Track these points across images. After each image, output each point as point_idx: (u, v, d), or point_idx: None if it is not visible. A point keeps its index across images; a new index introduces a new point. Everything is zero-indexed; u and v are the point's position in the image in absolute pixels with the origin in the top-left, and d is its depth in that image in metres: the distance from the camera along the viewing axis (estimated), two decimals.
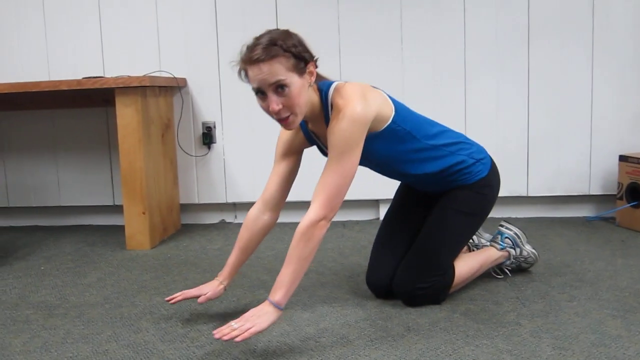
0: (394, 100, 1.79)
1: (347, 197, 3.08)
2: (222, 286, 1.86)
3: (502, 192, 3.07)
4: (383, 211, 3.19)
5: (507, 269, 2.17)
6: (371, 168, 1.93)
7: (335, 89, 1.66)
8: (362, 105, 1.60)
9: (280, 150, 1.85)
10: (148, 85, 2.75)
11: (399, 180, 2.06)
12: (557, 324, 1.71)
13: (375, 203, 3.22)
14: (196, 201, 3.27)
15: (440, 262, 1.89)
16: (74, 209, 3.45)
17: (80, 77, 2.91)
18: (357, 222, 3.18)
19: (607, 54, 2.97)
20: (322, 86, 1.69)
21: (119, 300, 2.09)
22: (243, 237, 1.86)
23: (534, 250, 2.19)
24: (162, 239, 2.96)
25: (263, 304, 1.58)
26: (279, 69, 1.54)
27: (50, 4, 3.25)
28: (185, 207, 3.32)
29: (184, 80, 3.16)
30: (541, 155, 3.06)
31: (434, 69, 3.06)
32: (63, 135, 3.34)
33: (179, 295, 1.83)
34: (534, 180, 3.08)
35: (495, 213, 2.25)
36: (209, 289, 1.84)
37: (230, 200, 3.23)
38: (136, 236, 2.81)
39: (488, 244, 2.17)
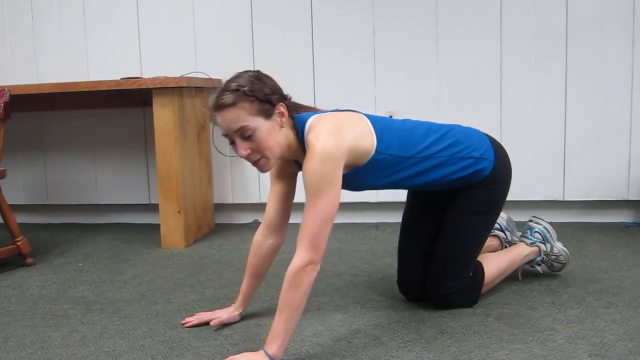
0: (376, 123, 1.69)
1: (379, 200, 3.12)
2: (237, 312, 1.86)
3: (537, 196, 3.05)
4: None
5: (538, 266, 2.14)
6: (372, 189, 1.88)
7: (310, 126, 1.59)
8: (333, 142, 1.53)
9: (273, 172, 1.81)
10: (184, 86, 2.79)
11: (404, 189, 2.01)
12: (593, 331, 1.69)
13: None
14: (230, 201, 3.30)
15: (462, 264, 1.88)
16: (111, 207, 3.51)
17: (118, 78, 2.96)
18: (390, 224, 3.17)
19: None
20: (299, 123, 1.63)
21: (154, 297, 2.12)
22: (252, 263, 1.84)
23: (565, 249, 2.15)
24: (196, 238, 3.00)
25: (258, 352, 1.51)
26: (242, 115, 1.52)
27: (90, 7, 3.32)
28: (219, 207, 3.36)
29: (219, 81, 3.19)
30: (578, 159, 3.01)
31: (469, 70, 3.04)
32: (101, 134, 3.41)
33: (194, 319, 1.85)
34: (571, 184, 3.03)
35: (529, 217, 2.22)
36: (224, 314, 1.85)
37: (263, 200, 3.26)
38: (171, 235, 2.85)
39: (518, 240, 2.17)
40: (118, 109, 3.34)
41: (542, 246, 2.12)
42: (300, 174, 1.75)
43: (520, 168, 3.04)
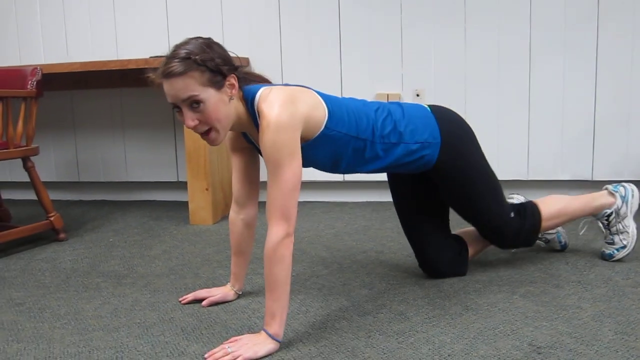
0: (327, 101, 1.65)
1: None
2: (232, 291, 1.87)
3: (565, 176, 3.02)
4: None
5: (602, 222, 2.09)
6: (328, 171, 1.83)
7: (261, 97, 1.54)
8: (288, 111, 1.49)
9: (228, 145, 1.77)
10: None
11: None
12: (620, 309, 1.68)
13: None
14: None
15: (493, 213, 1.90)
16: (140, 184, 3.57)
17: (147, 57, 2.99)
18: None
19: None
20: (248, 95, 1.58)
21: (183, 272, 2.17)
22: (233, 242, 1.84)
23: (635, 231, 2.07)
24: (224, 215, 3.04)
25: (260, 333, 1.51)
26: (192, 84, 1.46)
27: None
28: None
29: (246, 59, 3.21)
30: (608, 138, 2.97)
31: (498, 48, 3.01)
32: (130, 113, 3.46)
33: (190, 296, 1.87)
34: (600, 164, 2.99)
35: None
36: (220, 292, 1.86)
37: None
38: (199, 212, 2.90)
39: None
40: (147, 88, 3.35)
41: (619, 202, 2.06)
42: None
43: (549, 147, 3.02)
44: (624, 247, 2.07)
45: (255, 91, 1.57)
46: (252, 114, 1.57)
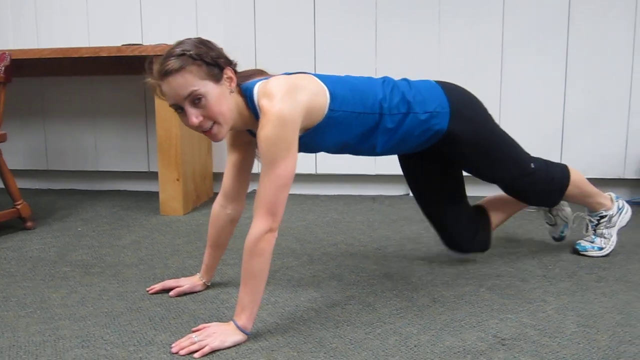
0: (328, 82, 1.62)
1: (378, 172, 3.14)
2: (201, 282, 1.86)
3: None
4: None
5: (592, 220, 2.14)
6: (338, 153, 1.81)
7: (259, 91, 1.53)
8: (288, 105, 1.47)
9: (228, 141, 1.76)
10: None
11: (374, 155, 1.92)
12: (583, 303, 1.72)
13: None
14: None
15: (513, 169, 1.93)
16: (110, 174, 3.53)
17: (119, 44, 2.96)
18: (387, 196, 3.19)
19: None
20: (246, 90, 1.57)
21: (152, 262, 2.15)
22: (211, 234, 1.83)
23: (615, 242, 2.15)
24: (194, 206, 3.02)
25: (228, 323, 1.51)
26: (191, 79, 1.45)
27: None
28: (218, 176, 3.37)
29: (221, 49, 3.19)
30: (576, 136, 3.03)
31: (470, 46, 3.04)
32: (101, 101, 3.42)
33: (158, 286, 1.86)
34: (568, 161, 3.01)
35: None
36: (188, 282, 1.85)
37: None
38: (170, 202, 2.88)
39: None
40: (119, 76, 3.34)
41: (615, 209, 2.13)
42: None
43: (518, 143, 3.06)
44: (601, 249, 2.13)
45: (253, 86, 1.56)
46: (253, 109, 1.56)
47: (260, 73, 1.67)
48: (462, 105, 1.82)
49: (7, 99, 2.73)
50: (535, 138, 3.05)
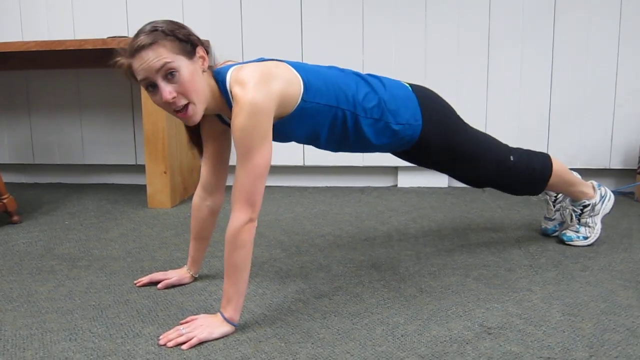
0: (302, 71, 1.59)
1: (366, 164, 3.15)
2: (189, 274, 1.86)
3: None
4: (401, 178, 3.21)
5: (576, 209, 2.16)
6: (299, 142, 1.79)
7: (232, 77, 1.51)
8: (262, 93, 1.44)
9: (202, 131, 1.73)
10: None
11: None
12: (568, 292, 1.74)
13: (394, 170, 3.24)
14: None
15: (495, 158, 1.94)
16: (97, 167, 3.52)
17: (105, 37, 2.94)
18: (375, 188, 3.20)
19: (635, 26, 2.92)
20: (219, 74, 1.55)
21: (140, 255, 2.15)
22: (194, 227, 1.82)
23: (600, 230, 2.16)
24: (182, 199, 3.02)
25: (216, 315, 1.52)
26: (164, 52, 1.43)
27: None
28: None
29: (207, 41, 3.18)
30: (562, 127, 3.05)
31: (457, 38, 3.04)
32: (87, 94, 3.39)
33: (145, 278, 1.85)
34: (554, 152, 3.06)
35: None
36: (175, 274, 1.85)
37: None
38: (157, 195, 2.87)
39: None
40: (105, 69, 3.31)
41: (598, 197, 2.14)
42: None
43: (505, 135, 3.06)
44: (586, 238, 2.15)
45: (226, 71, 1.54)
46: (225, 95, 1.53)
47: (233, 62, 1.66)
48: (435, 114, 1.82)
49: None
50: (521, 129, 3.07)
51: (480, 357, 1.37)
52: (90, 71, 3.34)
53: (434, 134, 1.81)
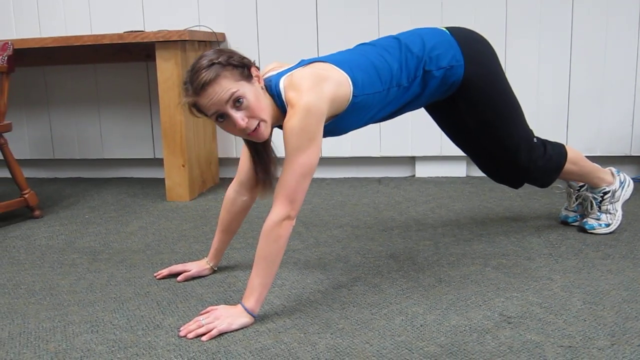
0: (347, 68, 1.62)
1: (383, 154, 3.14)
2: (208, 266, 1.87)
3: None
4: (419, 168, 3.20)
5: (596, 196, 2.13)
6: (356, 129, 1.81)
7: (285, 85, 1.56)
8: (315, 96, 1.49)
9: None
10: (187, 39, 2.78)
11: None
12: (589, 280, 1.72)
13: (411, 160, 3.23)
14: (234, 155, 3.32)
15: (520, 134, 1.91)
16: (116, 161, 3.54)
17: (121, 32, 2.95)
18: (393, 178, 3.19)
19: None
20: (269, 84, 1.60)
21: (159, 248, 2.17)
22: (224, 219, 1.83)
23: (621, 217, 2.13)
24: (200, 192, 3.03)
25: (236, 306, 1.53)
26: (228, 84, 1.47)
27: None
28: (224, 161, 3.38)
29: (222, 35, 3.18)
30: (582, 114, 3.01)
31: (474, 24, 3.01)
32: (105, 89, 3.42)
33: (165, 271, 1.87)
34: (573, 140, 3.03)
35: None
36: (195, 267, 1.86)
37: None
38: (176, 188, 2.89)
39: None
40: (121, 64, 3.33)
41: (617, 184, 2.12)
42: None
43: None
44: (608, 225, 2.12)
45: (277, 81, 1.58)
46: (280, 104, 1.57)
47: (278, 66, 1.69)
48: (475, 52, 1.82)
49: (10, 89, 2.74)
50: (540, 116, 3.03)
51: (501, 347, 1.36)
52: (107, 66, 3.36)
53: (477, 74, 1.80)
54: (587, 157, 2.29)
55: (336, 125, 1.65)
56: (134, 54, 3.20)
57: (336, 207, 2.65)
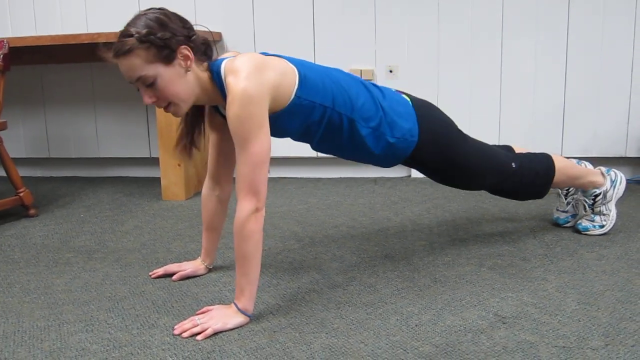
0: (300, 66, 1.58)
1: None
2: (203, 265, 1.87)
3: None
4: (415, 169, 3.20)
5: (587, 200, 2.13)
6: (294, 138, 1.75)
7: (226, 67, 1.50)
8: (254, 82, 1.43)
9: (207, 122, 1.73)
10: None
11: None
12: (583, 281, 1.73)
13: None
14: None
15: (495, 168, 1.91)
16: (112, 160, 3.54)
17: (117, 30, 2.94)
18: (389, 178, 3.20)
19: None
20: (213, 66, 1.55)
21: (155, 247, 2.16)
22: (205, 218, 1.83)
23: (615, 216, 2.13)
24: (196, 191, 3.03)
25: (230, 306, 1.53)
26: (138, 64, 1.45)
27: None
28: None
29: (219, 34, 3.18)
30: (577, 116, 3.02)
31: (470, 26, 3.02)
32: (101, 88, 3.41)
33: (160, 271, 1.86)
34: (569, 141, 3.04)
35: None
36: (190, 266, 1.86)
37: None
38: (172, 187, 2.89)
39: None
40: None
41: (608, 185, 2.11)
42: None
43: (520, 124, 3.06)
44: (602, 226, 2.12)
45: (220, 62, 1.54)
46: (220, 85, 1.53)
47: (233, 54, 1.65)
48: (432, 130, 1.77)
49: (6, 87, 2.73)
50: (536, 117, 3.04)
51: (495, 347, 1.36)
52: (103, 65, 3.31)
53: (429, 152, 1.78)
54: (582, 158, 2.31)
55: (275, 122, 1.55)
56: None
57: (332, 207, 2.65)
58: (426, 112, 1.80)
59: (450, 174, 1.88)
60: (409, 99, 1.79)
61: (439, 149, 1.80)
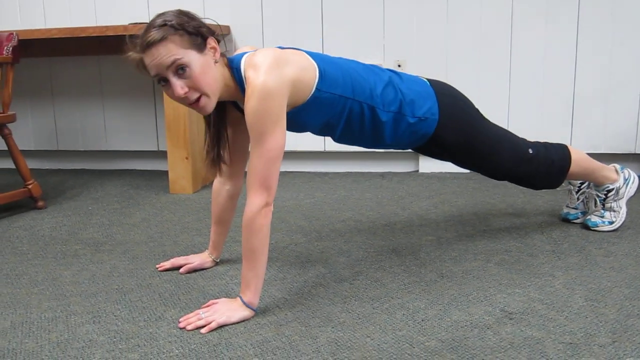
0: (319, 60, 1.58)
1: (386, 149, 3.13)
2: (210, 258, 1.87)
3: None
4: (423, 163, 3.19)
5: (600, 194, 2.13)
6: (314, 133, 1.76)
7: (246, 62, 1.50)
8: (274, 76, 1.43)
9: None
10: None
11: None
12: (591, 277, 1.72)
13: (415, 155, 3.22)
14: None
15: (507, 158, 1.92)
16: (120, 153, 3.55)
17: (126, 23, 2.95)
18: (396, 173, 3.19)
19: None
20: (232, 61, 1.54)
21: (162, 239, 2.17)
22: (214, 211, 1.83)
23: (625, 214, 2.13)
24: (204, 185, 3.03)
25: (235, 299, 1.53)
26: (173, 48, 1.42)
27: None
28: None
29: (227, 27, 3.18)
30: (587, 111, 3.00)
31: (479, 20, 3.00)
32: (109, 81, 3.42)
33: (167, 264, 1.87)
34: (577, 136, 3.02)
35: None
36: (197, 259, 1.86)
37: None
38: (179, 181, 2.89)
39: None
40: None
41: (621, 181, 2.11)
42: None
43: (528, 119, 3.04)
44: (612, 223, 2.11)
45: (240, 57, 1.54)
46: (239, 81, 1.53)
47: (252, 50, 1.65)
48: (452, 109, 1.80)
49: (15, 80, 2.74)
50: (545, 112, 3.03)
51: (502, 342, 1.36)
52: (111, 58, 3.36)
53: (449, 130, 1.79)
54: (591, 154, 2.28)
55: (295, 117, 1.57)
56: None
57: (339, 201, 2.65)
58: (445, 91, 1.82)
59: (470, 152, 1.87)
60: (426, 80, 1.82)
61: (459, 126, 1.81)
